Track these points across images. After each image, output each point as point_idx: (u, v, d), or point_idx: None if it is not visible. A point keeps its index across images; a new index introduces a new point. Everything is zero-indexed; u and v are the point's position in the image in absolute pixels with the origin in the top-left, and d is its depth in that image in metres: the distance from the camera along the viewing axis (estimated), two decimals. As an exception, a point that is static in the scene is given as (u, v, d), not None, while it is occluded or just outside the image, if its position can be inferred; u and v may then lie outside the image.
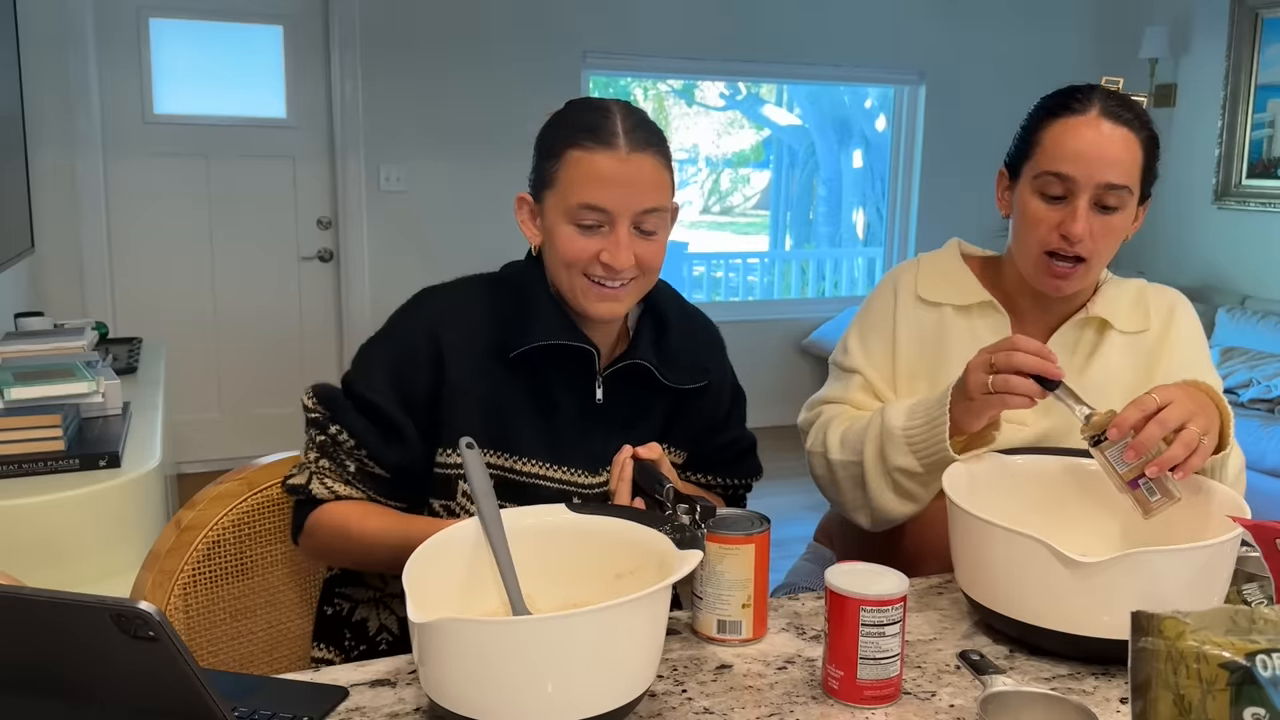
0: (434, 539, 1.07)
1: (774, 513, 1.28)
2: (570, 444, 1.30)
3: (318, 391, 1.32)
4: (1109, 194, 1.37)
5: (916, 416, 1.37)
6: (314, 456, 1.30)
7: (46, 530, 1.89)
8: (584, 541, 1.11)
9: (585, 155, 1.22)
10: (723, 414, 1.45)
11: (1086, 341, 1.50)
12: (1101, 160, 1.36)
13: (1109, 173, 1.36)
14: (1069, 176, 1.37)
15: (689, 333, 1.41)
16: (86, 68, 4.21)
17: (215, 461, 4.43)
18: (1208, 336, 5.13)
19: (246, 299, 4.66)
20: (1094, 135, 1.37)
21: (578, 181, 1.23)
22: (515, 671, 0.90)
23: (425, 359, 1.28)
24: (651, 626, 0.96)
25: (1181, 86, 5.50)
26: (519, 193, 1.32)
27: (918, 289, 1.54)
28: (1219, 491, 1.21)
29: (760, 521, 1.18)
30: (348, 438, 1.29)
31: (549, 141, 1.27)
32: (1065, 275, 1.41)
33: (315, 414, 1.31)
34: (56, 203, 4.25)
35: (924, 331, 1.51)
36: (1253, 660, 0.78)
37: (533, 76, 4.87)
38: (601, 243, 1.24)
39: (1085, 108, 1.40)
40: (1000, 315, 1.50)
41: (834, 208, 9.05)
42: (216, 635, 1.35)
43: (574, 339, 1.28)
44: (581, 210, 1.23)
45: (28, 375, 2.28)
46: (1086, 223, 1.37)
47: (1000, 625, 1.17)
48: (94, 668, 0.76)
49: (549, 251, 1.29)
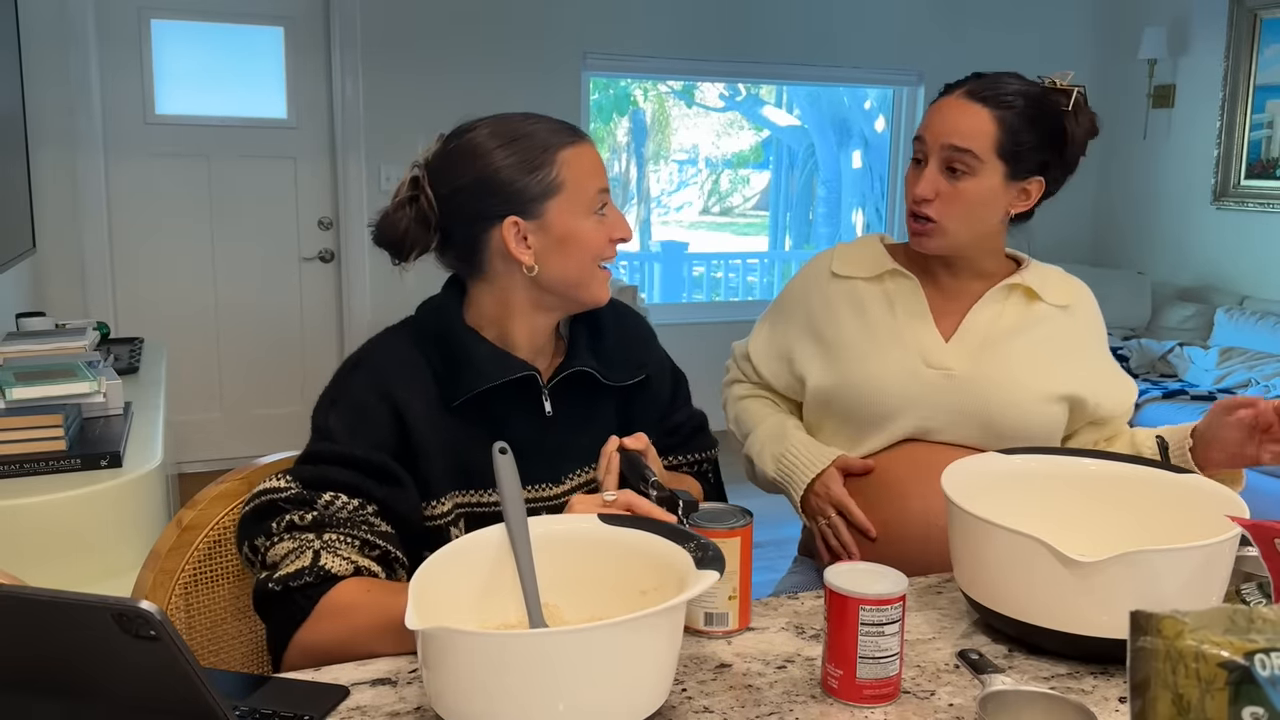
0: (454, 544, 1.06)
1: (768, 512, 1.30)
2: (529, 463, 1.25)
3: (288, 473, 1.23)
4: (955, 156, 1.49)
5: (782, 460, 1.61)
6: (309, 537, 1.18)
7: (48, 530, 1.89)
8: (612, 554, 1.08)
9: (576, 151, 1.28)
10: (667, 399, 1.48)
11: (1012, 307, 1.60)
12: (946, 126, 1.50)
13: (952, 136, 1.49)
14: (922, 138, 1.53)
15: (621, 331, 1.43)
16: (88, 68, 4.22)
17: (216, 461, 4.44)
18: (1206, 337, 5.16)
19: (247, 299, 4.66)
20: (948, 108, 1.52)
21: (584, 174, 1.27)
22: (504, 685, 0.88)
23: (385, 419, 1.24)
24: (656, 646, 0.94)
25: (1180, 87, 5.50)
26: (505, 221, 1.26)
27: (832, 266, 1.67)
28: (1219, 491, 1.22)
29: (743, 514, 1.19)
30: (345, 500, 1.20)
31: (525, 159, 1.25)
32: (919, 232, 1.55)
33: (292, 490, 1.20)
34: (58, 203, 4.25)
35: (838, 305, 1.63)
36: (1251, 660, 0.78)
37: (533, 77, 4.87)
38: (609, 225, 1.30)
39: (956, 89, 1.54)
40: (909, 279, 1.61)
41: (833, 208, 9.05)
42: (217, 634, 1.35)
43: (511, 372, 1.28)
44: (599, 196, 1.28)
45: (29, 375, 2.29)
46: (930, 183, 1.51)
47: (999, 624, 1.17)
48: (95, 667, 0.76)
49: (564, 258, 1.27)
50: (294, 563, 1.16)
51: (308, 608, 1.15)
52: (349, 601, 1.15)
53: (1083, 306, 1.64)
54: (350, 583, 1.16)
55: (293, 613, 1.16)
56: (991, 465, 1.32)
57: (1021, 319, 1.58)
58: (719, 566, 0.98)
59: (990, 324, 1.57)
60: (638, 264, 8.05)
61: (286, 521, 1.19)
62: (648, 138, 9.96)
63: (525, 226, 1.27)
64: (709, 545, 1.03)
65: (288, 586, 1.15)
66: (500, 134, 1.28)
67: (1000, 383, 1.53)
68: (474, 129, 1.30)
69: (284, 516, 1.19)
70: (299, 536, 1.18)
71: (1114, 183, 5.89)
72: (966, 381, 1.54)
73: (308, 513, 1.19)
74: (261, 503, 1.22)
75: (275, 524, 1.19)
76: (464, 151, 1.28)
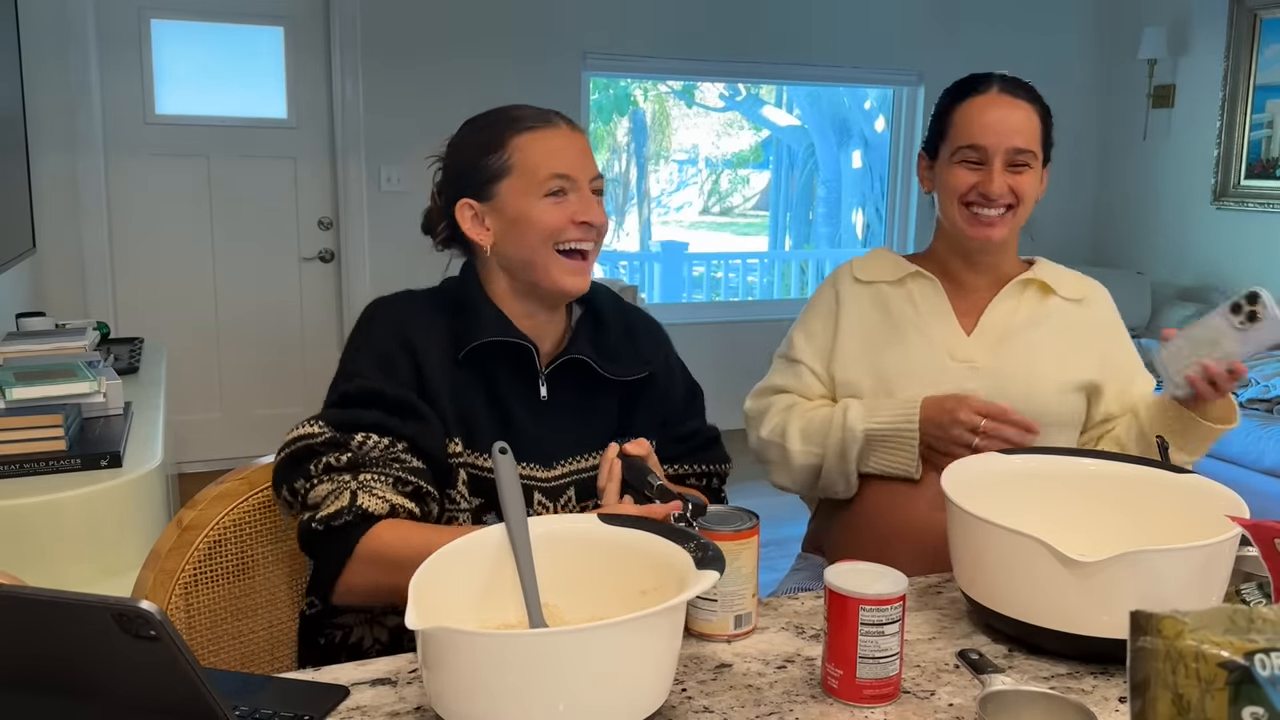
0: (454, 544, 1.07)
1: (773, 513, 1.30)
2: (523, 439, 1.32)
3: (319, 419, 1.28)
4: (1019, 156, 1.55)
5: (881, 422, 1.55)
6: (345, 478, 1.24)
7: (47, 530, 1.89)
8: (612, 554, 1.09)
9: (536, 135, 1.31)
10: (677, 406, 1.48)
11: (1028, 302, 1.65)
12: (1007, 128, 1.55)
13: (1015, 139, 1.55)
14: (982, 146, 1.55)
15: (627, 328, 1.45)
16: (88, 68, 4.21)
17: (216, 461, 4.44)
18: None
19: (247, 299, 4.66)
20: (998, 109, 1.56)
21: (537, 157, 1.30)
22: (504, 685, 0.88)
23: (404, 362, 1.30)
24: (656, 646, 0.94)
25: (1180, 87, 5.50)
26: (460, 202, 1.33)
27: (854, 273, 1.70)
28: (1219, 491, 1.22)
29: (750, 516, 1.20)
30: (376, 439, 1.25)
31: (483, 143, 1.32)
32: (992, 223, 1.56)
33: (325, 434, 1.26)
34: (58, 203, 4.25)
35: (865, 306, 1.66)
36: (1251, 660, 0.78)
37: (533, 77, 4.87)
38: (573, 207, 1.31)
39: (986, 88, 1.58)
40: (930, 280, 1.65)
41: (833, 208, 9.06)
42: (217, 634, 1.35)
43: (510, 334, 1.33)
44: (552, 179, 1.30)
45: (29, 375, 2.29)
46: (1002, 183, 1.55)
47: (999, 624, 1.17)
48: (95, 667, 0.76)
49: (516, 238, 1.32)
50: (333, 503, 1.22)
51: (349, 547, 1.22)
52: (383, 547, 1.21)
53: (1097, 301, 1.69)
54: (386, 526, 1.22)
55: (337, 551, 1.22)
56: (991, 465, 1.32)
57: (1036, 312, 1.64)
58: (719, 566, 0.98)
59: (1008, 317, 1.63)
60: (638, 264, 8.05)
61: (324, 464, 1.25)
62: (648, 138, 9.96)
63: (481, 209, 1.33)
64: (709, 545, 1.03)
65: (329, 526, 1.22)
66: (476, 121, 1.35)
67: (1019, 374, 1.58)
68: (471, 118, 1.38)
69: (320, 459, 1.25)
70: (336, 478, 1.24)
71: (1114, 183, 5.89)
72: (989, 373, 1.59)
73: (342, 454, 1.25)
74: (298, 448, 1.26)
75: (313, 467, 1.25)
76: (449, 144, 1.38)
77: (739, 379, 5.12)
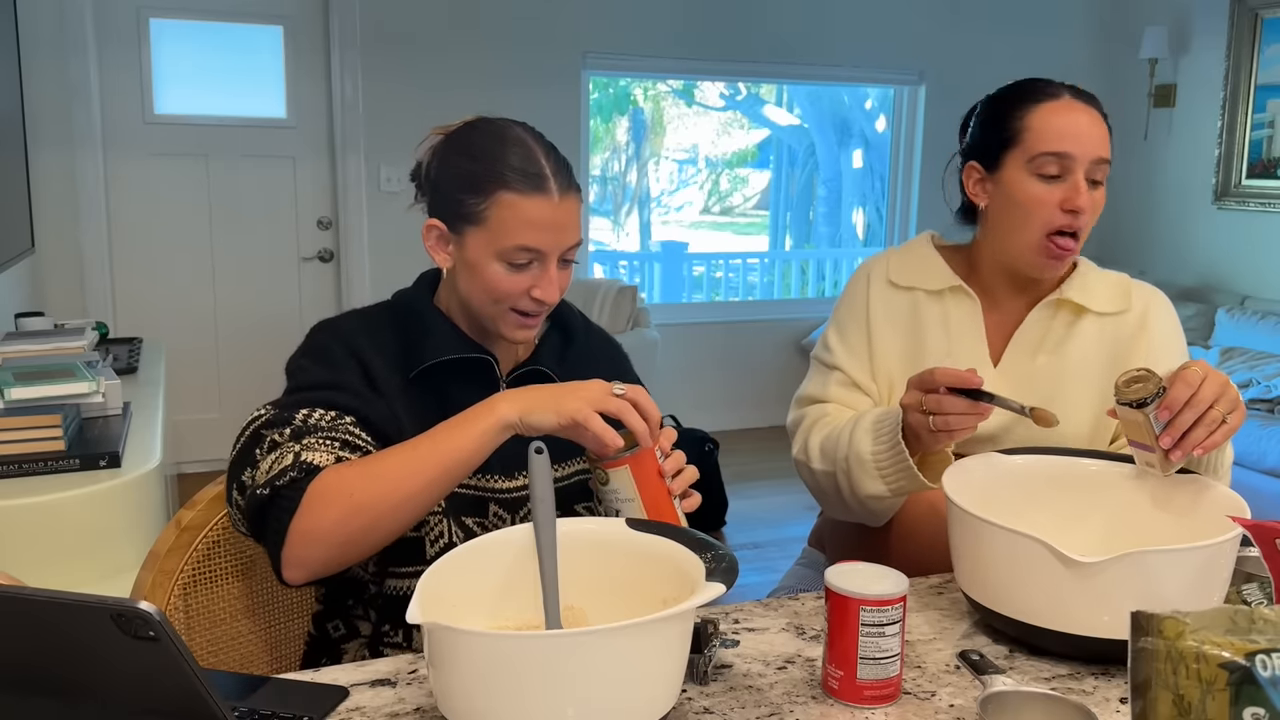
0: (473, 542, 1.06)
1: (773, 513, 1.29)
2: None
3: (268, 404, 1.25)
4: (1098, 168, 1.44)
5: (882, 439, 1.39)
6: (289, 445, 1.17)
7: (47, 530, 1.89)
8: (636, 559, 1.08)
9: (520, 200, 1.22)
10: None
11: (1060, 324, 1.54)
12: (1092, 136, 1.43)
13: (1100, 147, 1.44)
14: (1067, 154, 1.42)
15: (590, 346, 1.44)
16: (86, 68, 4.21)
17: (215, 461, 4.43)
18: (1207, 337, 5.14)
19: (247, 299, 4.66)
20: (1078, 115, 1.44)
21: (512, 225, 1.23)
22: (504, 686, 0.88)
23: (355, 375, 1.26)
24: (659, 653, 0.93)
25: (1181, 87, 5.50)
26: (428, 220, 1.29)
27: (889, 274, 1.58)
28: (1219, 491, 1.22)
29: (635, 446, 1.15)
30: (322, 412, 1.21)
31: (474, 177, 1.24)
32: (1068, 250, 1.45)
33: (268, 414, 1.22)
34: (57, 203, 4.25)
35: (898, 315, 1.56)
36: (1252, 660, 0.78)
37: (533, 77, 4.87)
38: (531, 279, 1.25)
39: (1058, 93, 1.47)
40: (971, 299, 1.54)
41: (834, 208, 9.05)
42: (217, 635, 1.35)
43: (470, 351, 1.30)
44: (518, 251, 1.23)
45: (28, 375, 2.28)
46: (1088, 197, 1.43)
47: (1000, 625, 1.17)
48: (94, 668, 0.76)
49: (469, 282, 1.28)
50: (276, 466, 1.15)
51: (297, 498, 1.12)
52: (337, 479, 1.13)
53: (1138, 309, 1.56)
54: (334, 467, 1.14)
55: (284, 507, 1.13)
56: (991, 465, 1.32)
57: (1066, 336, 1.53)
58: (728, 580, 0.97)
59: (1035, 345, 1.53)
60: (638, 264, 8.04)
61: (268, 442, 1.19)
62: (647, 137, 9.96)
63: (446, 235, 1.28)
64: (725, 556, 1.01)
65: (274, 487, 1.14)
66: (475, 144, 1.27)
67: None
68: (474, 124, 1.30)
69: (264, 440, 1.20)
70: (280, 449, 1.17)
71: (1114, 183, 5.84)
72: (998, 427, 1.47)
73: (285, 428, 1.19)
74: (244, 439, 1.22)
75: (258, 451, 1.20)
76: (447, 140, 1.30)
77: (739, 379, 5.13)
